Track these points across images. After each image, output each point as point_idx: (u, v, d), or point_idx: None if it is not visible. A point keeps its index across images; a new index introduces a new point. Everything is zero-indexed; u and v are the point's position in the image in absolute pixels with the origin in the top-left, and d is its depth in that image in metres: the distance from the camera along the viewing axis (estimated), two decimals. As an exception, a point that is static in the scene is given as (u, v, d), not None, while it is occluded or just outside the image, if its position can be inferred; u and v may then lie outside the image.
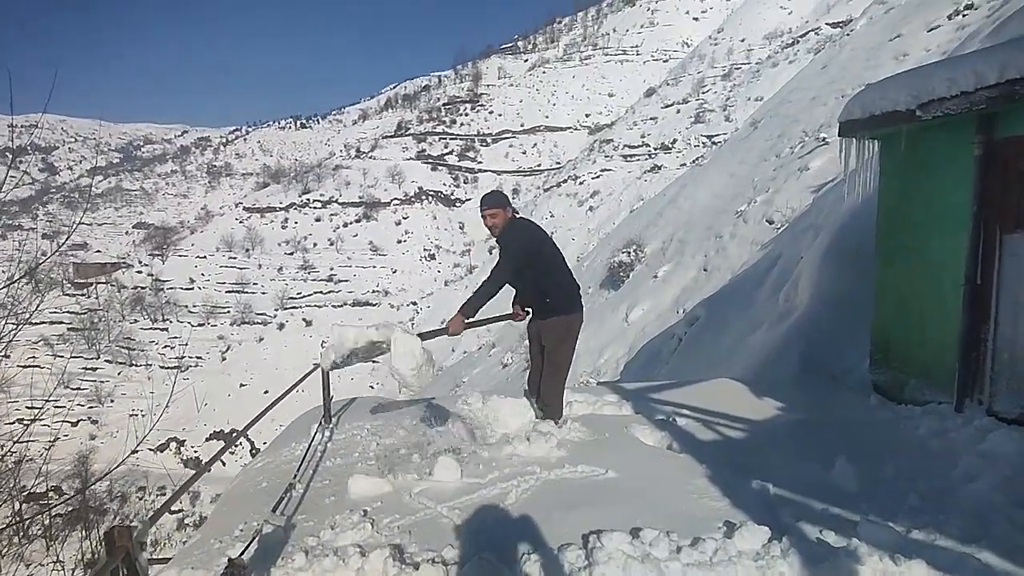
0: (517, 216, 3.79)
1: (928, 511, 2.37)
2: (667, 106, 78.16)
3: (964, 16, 16.34)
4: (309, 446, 3.29)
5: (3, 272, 4.63)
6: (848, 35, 27.77)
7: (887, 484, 2.68)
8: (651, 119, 78.12)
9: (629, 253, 22.83)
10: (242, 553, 2.11)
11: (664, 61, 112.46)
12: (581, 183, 77.61)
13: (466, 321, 3.49)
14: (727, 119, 60.67)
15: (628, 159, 75.32)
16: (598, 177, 76.35)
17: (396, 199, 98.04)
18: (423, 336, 3.53)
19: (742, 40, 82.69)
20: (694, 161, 45.99)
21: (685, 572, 1.94)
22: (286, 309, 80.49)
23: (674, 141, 68.40)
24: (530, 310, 3.88)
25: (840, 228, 5.80)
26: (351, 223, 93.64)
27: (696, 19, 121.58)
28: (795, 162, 17.79)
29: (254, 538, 2.27)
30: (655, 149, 70.68)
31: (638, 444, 3.30)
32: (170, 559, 2.52)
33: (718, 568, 1.93)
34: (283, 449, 3.54)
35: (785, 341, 5.33)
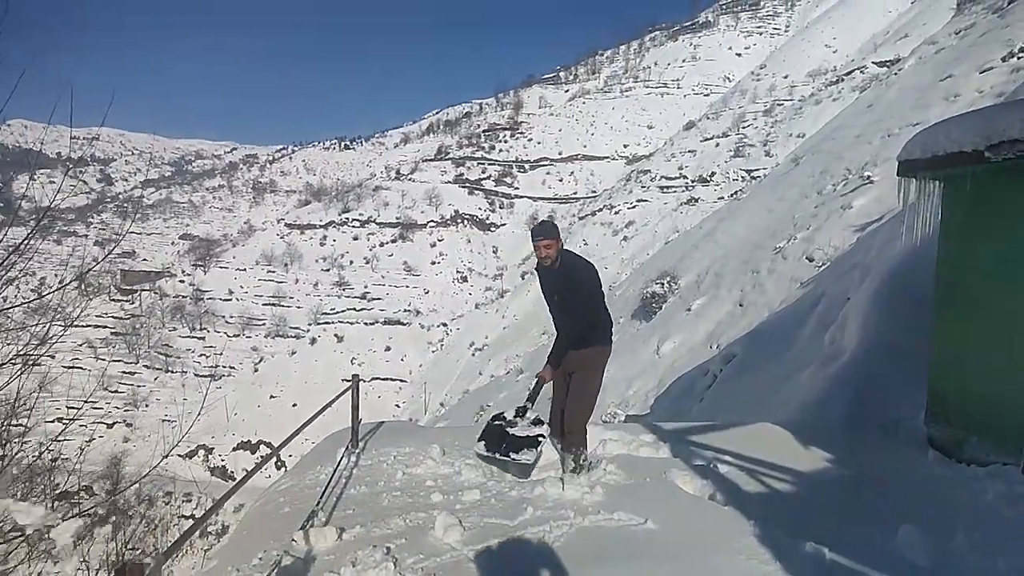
0: (564, 247, 3.80)
1: None
2: (706, 139, 77.84)
3: (1019, 59, 15.90)
4: (335, 471, 3.21)
5: (56, 276, 4.74)
6: (896, 74, 27.30)
7: (961, 558, 2.42)
8: (690, 151, 77.83)
9: (663, 284, 22.50)
10: (260, 585, 2.02)
11: (705, 95, 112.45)
12: (617, 212, 77.44)
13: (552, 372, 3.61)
14: (767, 154, 60.03)
15: (665, 190, 74.99)
16: (634, 207, 76.10)
17: (432, 221, 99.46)
18: (531, 398, 3.72)
19: (785, 77, 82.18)
20: (732, 195, 45.46)
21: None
22: (319, 324, 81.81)
23: (712, 174, 67.87)
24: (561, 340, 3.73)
25: (893, 270, 5.53)
26: (387, 243, 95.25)
27: (739, 55, 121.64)
28: (838, 200, 17.37)
29: (273, 569, 2.18)
30: (693, 181, 70.23)
31: (678, 492, 3.11)
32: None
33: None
34: (308, 472, 3.46)
35: (832, 387, 5.06)
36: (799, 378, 6.25)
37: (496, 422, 3.51)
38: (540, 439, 3.39)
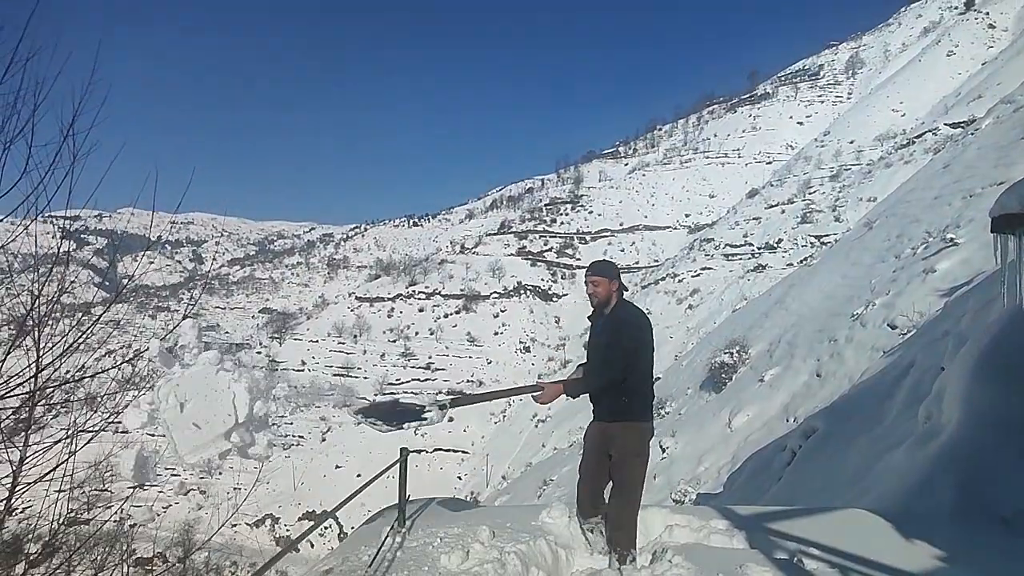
0: (624, 295, 3.50)
1: None
2: (771, 206, 76.52)
3: (1099, 114, 14.98)
4: (377, 553, 3.05)
5: (146, 349, 5.08)
6: (972, 135, 26.24)
7: None
8: (754, 219, 76.55)
9: (732, 354, 21.59)
10: None
11: (767, 163, 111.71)
12: (680, 281, 76.22)
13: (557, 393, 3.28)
14: (836, 219, 58.11)
15: (730, 258, 73.49)
16: (698, 275, 74.76)
17: (495, 292, 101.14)
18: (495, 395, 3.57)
19: (851, 142, 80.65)
20: (802, 261, 43.88)
21: None
22: (385, 394, 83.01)
23: (779, 241, 66.09)
24: (596, 410, 3.42)
25: (994, 335, 4.98)
26: (451, 314, 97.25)
27: (800, 123, 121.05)
28: (919, 263, 16.44)
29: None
30: (759, 248, 68.58)
31: (756, 591, 2.73)
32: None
33: None
34: (352, 552, 3.31)
35: (933, 468, 4.47)
36: (892, 457, 5.61)
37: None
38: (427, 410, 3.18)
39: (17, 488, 4.26)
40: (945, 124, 53.32)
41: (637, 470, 3.29)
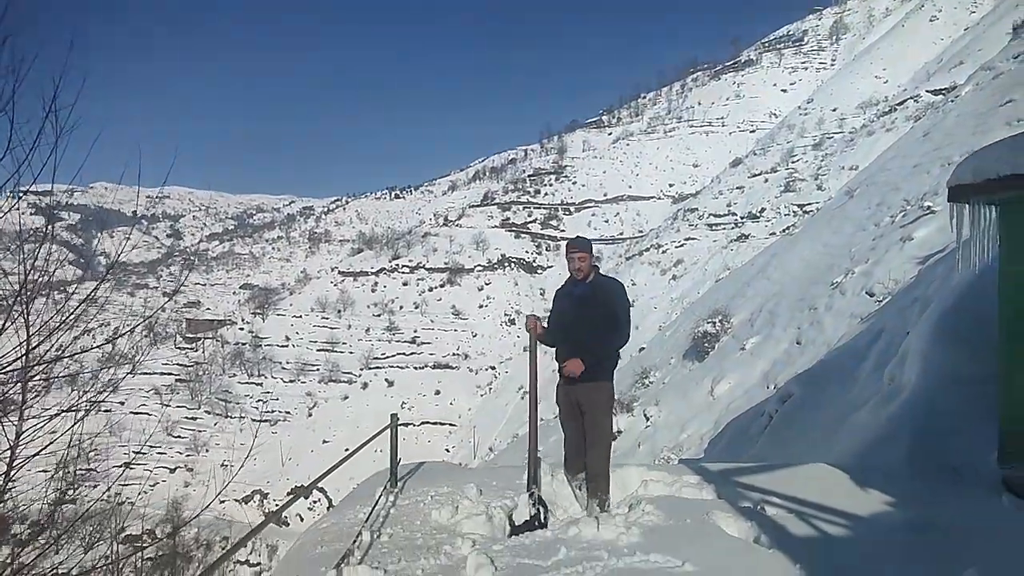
0: (599, 270, 3.83)
1: None
2: (755, 175, 76.80)
3: (1083, 80, 15.20)
4: (372, 511, 3.23)
5: (126, 326, 5.13)
6: (952, 101, 26.44)
7: None
8: (738, 188, 76.85)
9: (715, 323, 21.89)
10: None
11: (751, 131, 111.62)
12: (664, 252, 76.64)
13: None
14: (819, 188, 58.61)
15: (713, 228, 73.94)
16: (682, 246, 75.20)
17: (479, 265, 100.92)
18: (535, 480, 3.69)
19: (834, 110, 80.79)
20: (784, 230, 44.38)
21: None
22: (370, 369, 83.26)
23: (762, 210, 66.57)
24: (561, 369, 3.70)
25: (953, 301, 5.24)
26: (436, 287, 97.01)
27: (784, 91, 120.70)
28: (897, 232, 16.72)
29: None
30: (742, 218, 69.03)
31: (720, 534, 2.96)
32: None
33: None
34: (347, 512, 3.50)
35: (892, 425, 4.75)
36: (858, 417, 5.92)
37: (517, 527, 3.47)
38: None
39: (14, 467, 4.33)
40: (927, 91, 53.56)
41: (608, 422, 3.66)
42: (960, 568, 2.42)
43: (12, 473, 4.35)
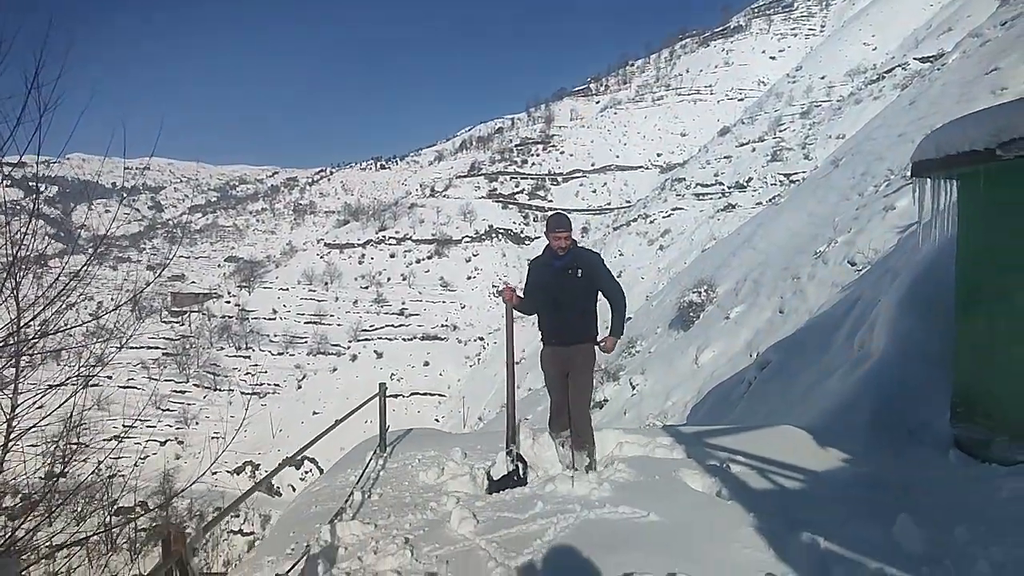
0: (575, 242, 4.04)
1: None
2: (742, 144, 76.64)
3: (1070, 48, 15.30)
4: (362, 473, 3.42)
5: (112, 300, 5.16)
6: (939, 69, 26.43)
7: (956, 548, 2.44)
8: (725, 158, 76.74)
9: (700, 293, 22.20)
10: (289, 570, 2.23)
11: (739, 100, 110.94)
12: (652, 222, 76.77)
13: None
14: (806, 157, 58.67)
15: (701, 197, 74.02)
16: (669, 216, 75.33)
17: (467, 236, 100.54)
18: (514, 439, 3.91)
19: (822, 77, 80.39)
20: (770, 200, 44.59)
21: (718, 623, 1.86)
22: (359, 341, 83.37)
23: (749, 179, 66.68)
24: (553, 336, 3.94)
25: (920, 272, 5.47)
26: (423, 259, 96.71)
27: (773, 58, 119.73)
28: (880, 201, 16.93)
29: (303, 556, 2.39)
30: (729, 188, 69.14)
31: (686, 489, 3.19)
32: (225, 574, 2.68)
33: (754, 621, 1.84)
34: (339, 475, 3.69)
35: (857, 390, 5.01)
36: (828, 383, 6.18)
37: (494, 481, 3.67)
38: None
39: (11, 440, 4.41)
40: (914, 58, 53.31)
41: (590, 380, 3.94)
42: (897, 513, 2.65)
43: (9, 445, 4.46)
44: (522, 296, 4.06)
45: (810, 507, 2.94)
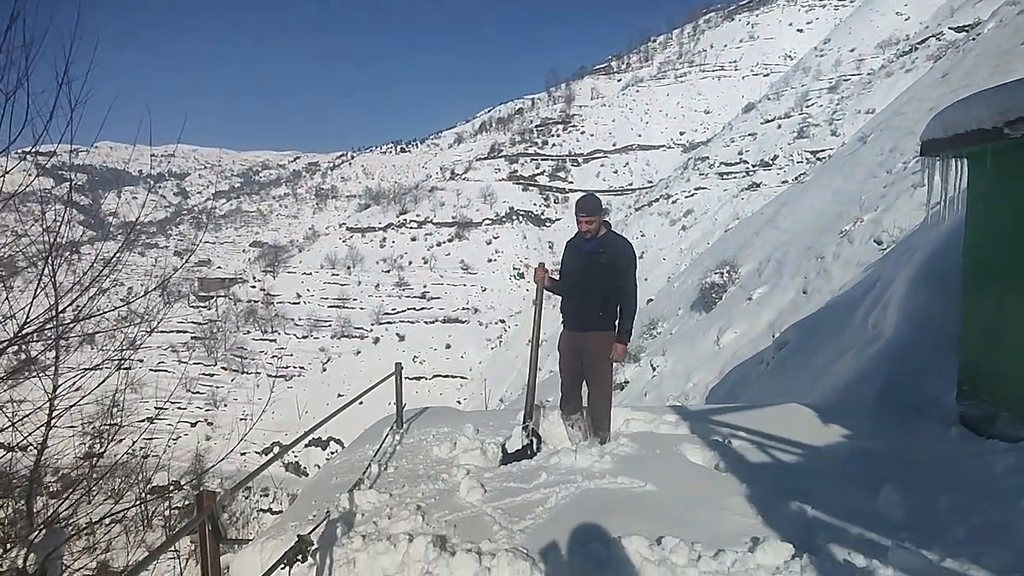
0: (610, 226, 4.03)
1: (972, 543, 2.24)
2: (767, 121, 74.90)
3: (1110, 15, 14.63)
4: (379, 448, 3.62)
5: (141, 285, 5.40)
6: (974, 40, 25.46)
7: (936, 516, 2.54)
8: (750, 135, 75.12)
9: (722, 274, 22.06)
10: (310, 532, 2.43)
11: (764, 75, 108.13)
12: (674, 202, 75.77)
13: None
14: (833, 134, 57.10)
15: (724, 176, 72.74)
16: (692, 195, 74.24)
17: (487, 219, 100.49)
18: (530, 415, 4.01)
19: (851, 50, 77.79)
20: (796, 178, 43.71)
21: (701, 580, 2.00)
22: (381, 324, 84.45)
23: (775, 157, 65.26)
24: (570, 322, 3.98)
25: (931, 251, 5.44)
26: (444, 242, 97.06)
27: (800, 31, 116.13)
28: (908, 178, 16.50)
29: (323, 520, 2.59)
30: (754, 166, 67.79)
31: (684, 462, 3.32)
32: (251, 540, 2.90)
33: (735, 579, 1.98)
34: (358, 450, 3.90)
35: (868, 368, 5.05)
36: (841, 362, 6.21)
37: (508, 454, 3.83)
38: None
39: (53, 418, 4.68)
40: (949, 28, 51.27)
41: (607, 370, 3.90)
42: (884, 483, 2.75)
43: (52, 423, 4.74)
44: (556, 278, 4.08)
45: (804, 479, 3.05)
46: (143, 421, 5.62)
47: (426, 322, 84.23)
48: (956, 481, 2.95)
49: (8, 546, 4.40)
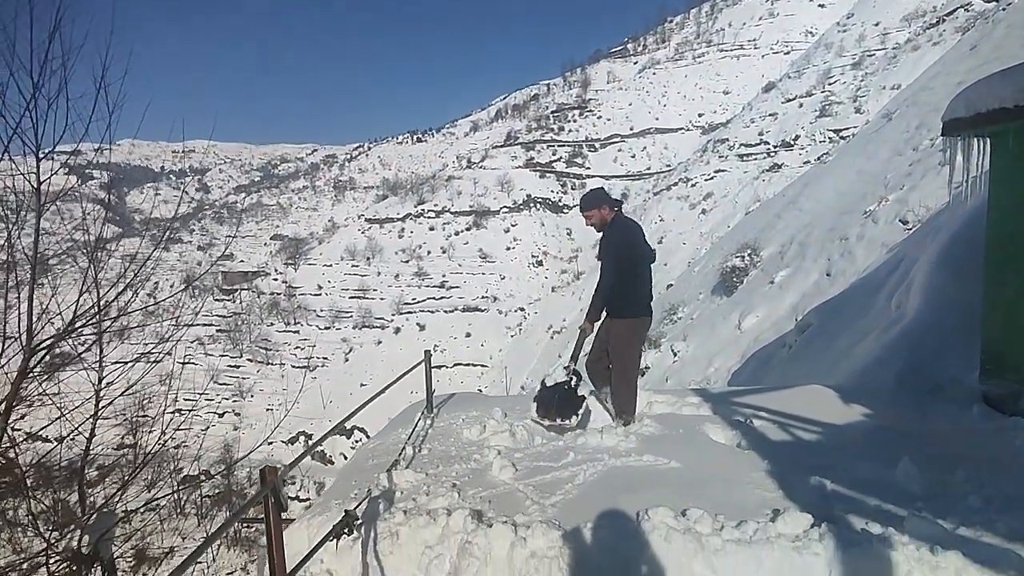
0: (619, 213, 4.07)
1: (987, 511, 2.33)
2: (788, 100, 73.40)
3: None
4: (412, 431, 3.79)
5: (166, 279, 5.58)
6: (1004, 10, 24.64)
7: (953, 487, 2.62)
8: (770, 115, 73.70)
9: (743, 258, 21.87)
10: (356, 508, 2.61)
11: (785, 53, 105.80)
12: (693, 185, 74.84)
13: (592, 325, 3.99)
14: (857, 111, 55.79)
15: (744, 158, 71.55)
16: (711, 178, 73.22)
17: (505, 207, 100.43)
18: (575, 354, 4.13)
19: (876, 24, 75.64)
20: (819, 158, 42.88)
21: (724, 547, 2.13)
22: (402, 314, 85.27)
23: (796, 137, 64.04)
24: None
25: (955, 231, 5.42)
26: (462, 231, 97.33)
27: (822, 6, 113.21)
28: (935, 156, 16.10)
29: (366, 498, 2.77)
30: (775, 147, 66.59)
31: (708, 441, 3.44)
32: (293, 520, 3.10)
33: (755, 546, 2.10)
34: (391, 434, 4.07)
35: (891, 348, 5.08)
36: (864, 343, 6.23)
37: (547, 387, 3.98)
38: (583, 399, 3.83)
39: (100, 408, 4.90)
40: (980, -2, 49.63)
41: (627, 357, 4.01)
42: (902, 457, 2.83)
43: (99, 413, 4.98)
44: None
45: (824, 456, 3.14)
46: (174, 412, 5.83)
47: (446, 311, 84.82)
48: (975, 455, 3.02)
49: (63, 531, 4.65)
